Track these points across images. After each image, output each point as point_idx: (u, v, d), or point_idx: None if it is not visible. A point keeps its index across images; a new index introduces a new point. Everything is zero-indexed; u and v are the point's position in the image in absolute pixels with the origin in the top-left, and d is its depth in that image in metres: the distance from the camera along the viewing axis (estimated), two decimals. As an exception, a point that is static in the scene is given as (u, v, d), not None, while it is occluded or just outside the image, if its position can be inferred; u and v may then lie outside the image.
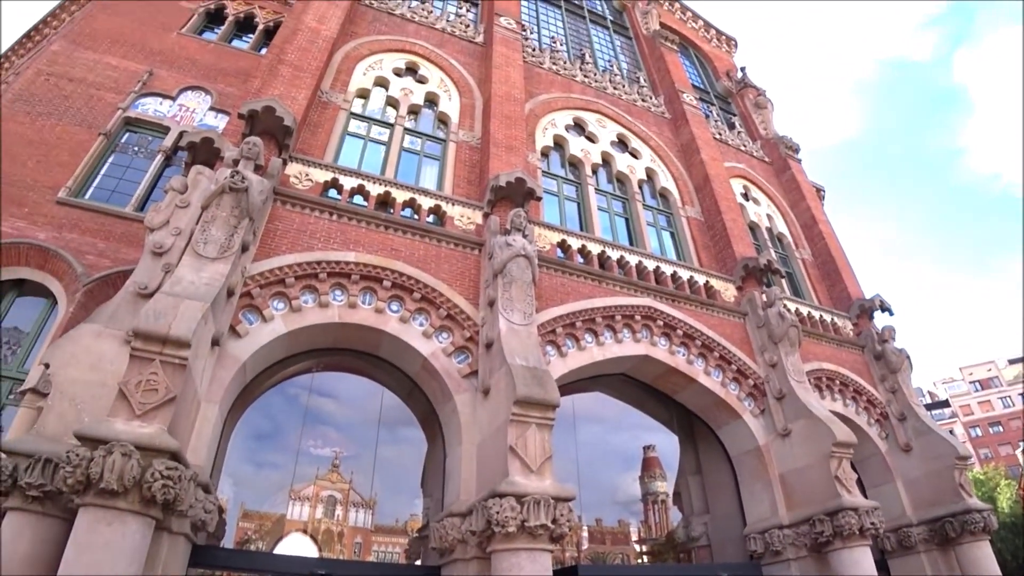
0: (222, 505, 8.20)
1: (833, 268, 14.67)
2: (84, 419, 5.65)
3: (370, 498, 11.43)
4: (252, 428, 9.21)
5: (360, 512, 11.86)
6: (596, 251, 10.77)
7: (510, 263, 8.36)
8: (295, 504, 11.34)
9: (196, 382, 6.30)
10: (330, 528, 12.20)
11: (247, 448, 9.24)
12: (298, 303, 7.76)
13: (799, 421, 9.83)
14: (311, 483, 11.87)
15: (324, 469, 11.26)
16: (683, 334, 10.43)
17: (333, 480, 12.07)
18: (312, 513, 11.60)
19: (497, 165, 10.21)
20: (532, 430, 6.77)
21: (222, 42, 15.31)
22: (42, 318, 10.04)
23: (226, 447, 8.25)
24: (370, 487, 10.06)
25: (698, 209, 13.46)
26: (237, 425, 8.49)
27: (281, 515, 10.36)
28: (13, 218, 10.39)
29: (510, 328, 7.81)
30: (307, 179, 9.05)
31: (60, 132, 11.91)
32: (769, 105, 19.42)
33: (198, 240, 7.19)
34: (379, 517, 10.59)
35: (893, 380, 12.54)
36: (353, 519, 12.02)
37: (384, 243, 8.63)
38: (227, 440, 8.17)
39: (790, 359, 10.67)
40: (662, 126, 15.28)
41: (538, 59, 14.79)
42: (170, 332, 5.70)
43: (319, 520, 11.87)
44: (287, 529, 10.75)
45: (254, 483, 9.51)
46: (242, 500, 9.64)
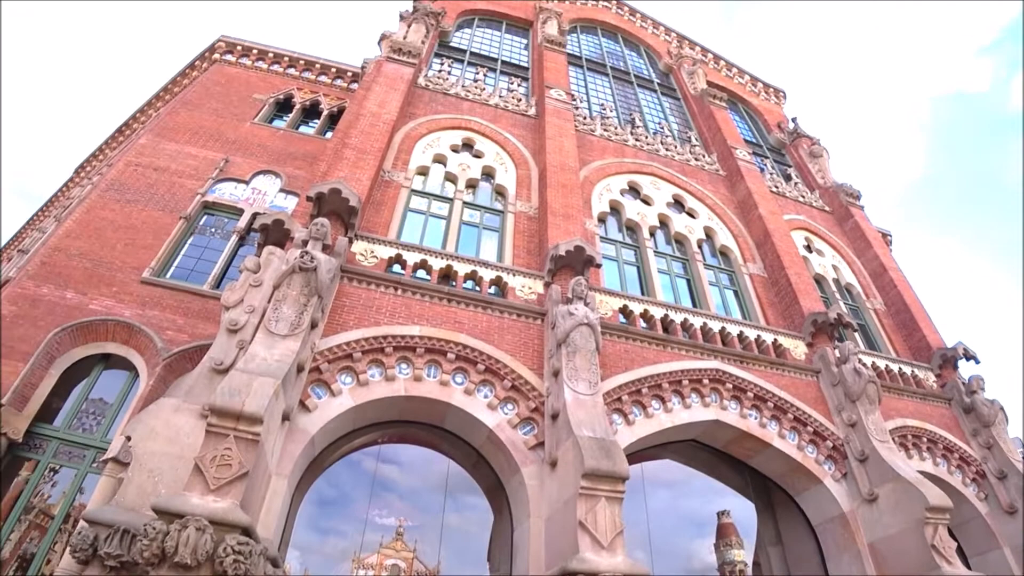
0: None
1: (908, 317, 13.96)
2: (161, 491, 5.87)
3: (435, 568, 11.24)
4: (319, 497, 9.28)
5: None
6: (659, 315, 10.63)
7: (573, 332, 8.34)
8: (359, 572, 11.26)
9: (267, 457, 6.46)
10: (394, 597, 12.03)
11: (313, 516, 9.29)
12: (365, 377, 7.92)
13: (886, 485, 9.18)
14: (375, 551, 11.82)
15: (388, 537, 11.20)
16: (754, 396, 10.04)
17: (397, 548, 11.97)
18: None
19: (555, 234, 10.36)
20: (602, 504, 6.57)
21: (290, 128, 16.45)
22: (125, 390, 10.64)
23: (294, 519, 8.33)
24: (436, 555, 9.90)
25: (760, 265, 13.18)
26: (306, 495, 8.59)
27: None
28: (102, 296, 11.20)
29: (576, 398, 7.72)
30: (372, 256, 9.40)
31: (145, 217, 12.88)
32: (824, 153, 19.11)
33: (270, 318, 7.50)
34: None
35: (987, 434, 11.62)
36: (417, 589, 11.81)
37: (447, 316, 8.79)
38: (295, 512, 8.25)
39: (871, 417, 10.08)
40: (717, 183, 15.23)
41: (589, 127, 15.15)
42: (244, 409, 5.91)
43: (384, 589, 11.73)
44: (351, 598, 10.65)
45: (320, 550, 9.51)
46: (306, 567, 9.65)
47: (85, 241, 11.99)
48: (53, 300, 10.85)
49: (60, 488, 9.64)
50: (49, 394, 10.14)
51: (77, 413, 10.31)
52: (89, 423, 10.29)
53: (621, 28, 23.24)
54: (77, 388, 10.56)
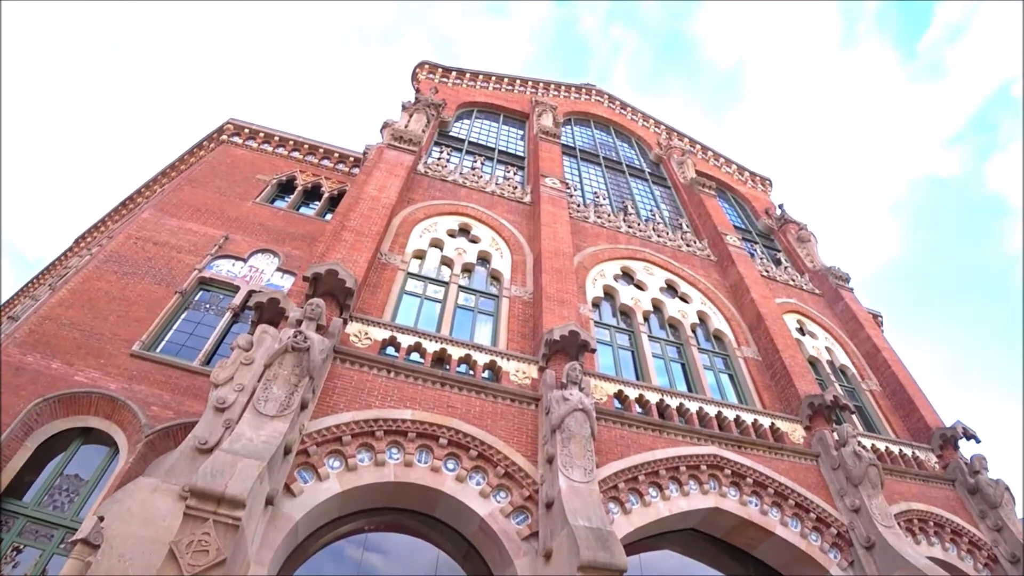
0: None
1: (905, 397, 13.90)
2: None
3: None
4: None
5: None
6: (654, 400, 10.55)
7: (568, 418, 8.23)
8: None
9: (247, 543, 6.18)
10: None
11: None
12: (354, 461, 7.71)
13: (896, 573, 8.79)
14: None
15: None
16: (753, 482, 9.81)
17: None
18: None
19: (550, 319, 10.42)
20: (599, 600, 6.26)
21: (291, 209, 16.83)
22: (103, 466, 10.28)
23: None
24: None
25: (754, 349, 13.23)
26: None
27: None
28: (89, 368, 11.01)
29: (571, 486, 7.51)
30: (366, 337, 9.37)
31: (141, 290, 12.90)
32: (812, 238, 19.62)
33: (259, 398, 7.39)
34: None
35: (995, 516, 11.30)
36: None
37: (440, 400, 8.67)
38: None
39: (874, 502, 9.82)
40: (709, 269, 15.51)
41: (583, 213, 15.59)
42: (226, 491, 5.74)
43: None
44: None
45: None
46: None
47: (77, 311, 11.93)
48: (37, 369, 10.64)
49: (21, 569, 9.09)
50: (22, 467, 9.75)
51: (49, 489, 9.87)
52: (61, 500, 9.84)
53: (613, 120, 24.39)
54: (52, 463, 10.17)
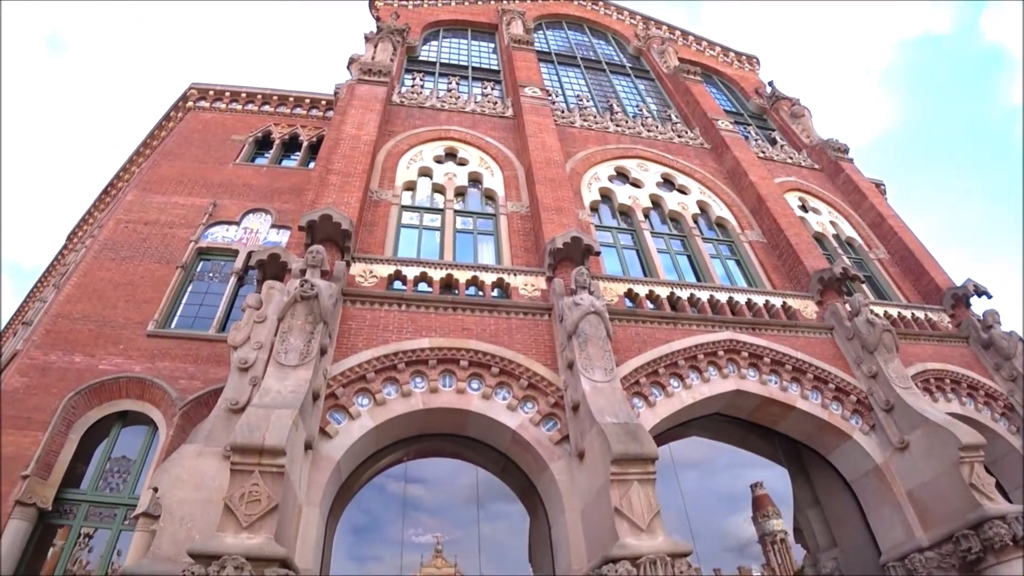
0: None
1: (914, 262, 13.90)
2: (195, 537, 5.84)
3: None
4: (353, 525, 9.24)
5: (470, 594, 11.58)
6: (664, 294, 10.59)
7: (582, 322, 8.30)
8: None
9: (295, 488, 6.44)
10: (442, 613, 11.95)
11: (349, 545, 9.25)
12: (381, 396, 7.90)
13: (916, 431, 9.09)
14: (417, 572, 11.73)
15: (428, 556, 11.13)
16: (771, 361, 9.98)
17: (438, 566, 11.87)
18: (422, 600, 11.41)
19: (550, 229, 10.33)
20: (635, 487, 6.52)
21: (273, 164, 16.52)
22: (146, 444, 10.66)
23: (331, 548, 8.29)
24: (477, 567, 9.82)
25: (759, 232, 13.14)
26: (339, 524, 8.55)
27: (392, 607, 10.24)
28: (111, 356, 11.22)
29: (593, 387, 7.67)
30: (371, 276, 9.39)
31: (143, 271, 12.91)
32: (806, 112, 19.09)
33: (278, 351, 7.49)
34: (487, 597, 10.27)
35: (1010, 367, 11.51)
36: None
37: (455, 324, 8.76)
38: (331, 541, 8.21)
39: (891, 366, 10.00)
40: (704, 157, 15.20)
41: (569, 119, 15.17)
42: (265, 443, 5.90)
43: (430, 606, 11.65)
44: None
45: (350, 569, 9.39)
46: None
47: (86, 304, 12.02)
48: (63, 366, 10.88)
49: (97, 552, 9.64)
50: (72, 459, 10.17)
51: (102, 474, 10.32)
52: (115, 482, 10.30)
53: (585, 18, 23.30)
54: (98, 449, 10.58)
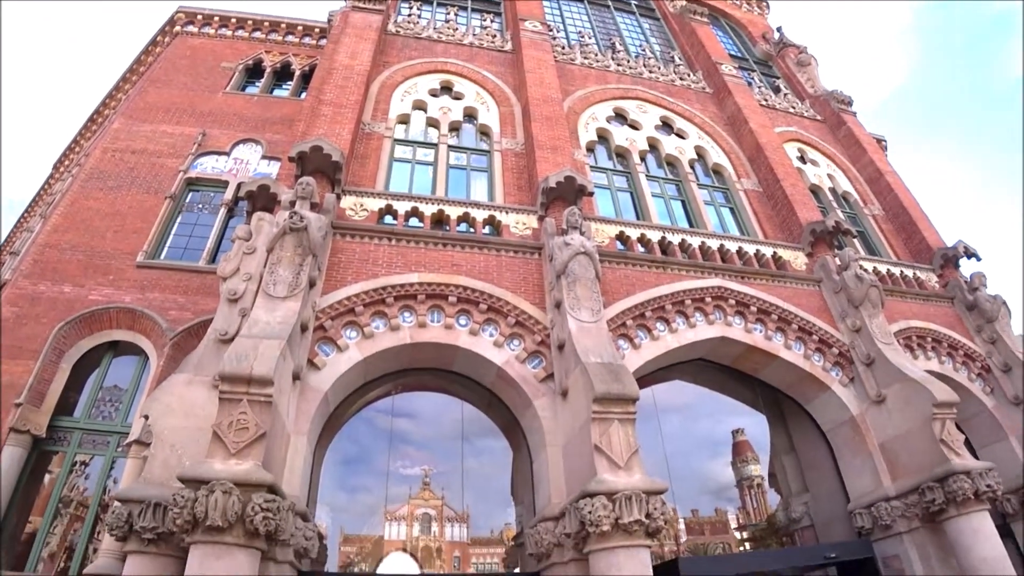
0: (321, 532, 8.48)
1: (907, 220, 13.86)
2: (185, 463, 5.98)
3: (463, 511, 11.55)
4: (342, 456, 9.48)
5: (455, 526, 12.01)
6: (656, 238, 10.55)
7: (571, 262, 8.30)
8: (392, 525, 11.58)
9: (283, 417, 6.55)
10: (428, 545, 12.38)
11: (339, 476, 9.51)
12: (369, 329, 7.95)
13: (893, 386, 9.29)
14: (405, 503, 12.11)
15: (416, 488, 11.48)
16: (757, 310, 10.06)
17: (426, 498, 12.26)
18: (409, 532, 11.83)
19: (544, 167, 10.18)
20: (615, 426, 6.67)
21: (264, 94, 16.06)
22: (137, 374, 10.77)
23: (319, 476, 8.53)
24: (460, 500, 10.16)
25: (755, 180, 13.00)
26: (327, 454, 8.76)
27: (379, 537, 10.61)
28: (100, 286, 11.18)
29: (580, 327, 7.74)
30: (362, 209, 9.30)
31: (131, 201, 12.74)
32: (813, 62, 18.60)
33: (267, 282, 7.48)
34: (474, 529, 10.66)
35: (991, 330, 11.70)
36: (449, 534, 12.17)
37: (445, 260, 8.75)
38: (319, 470, 8.44)
39: (874, 321, 10.12)
40: (705, 102, 14.86)
41: (569, 56, 14.72)
42: (253, 372, 5.96)
43: (417, 538, 12.09)
44: (387, 549, 10.99)
45: (350, 509, 9.77)
46: (341, 525, 9.93)
47: (74, 234, 11.90)
48: (52, 296, 10.87)
49: (93, 479, 9.88)
50: (64, 388, 10.30)
51: (95, 402, 10.48)
52: (108, 410, 10.47)
53: (592, -49, 22.32)
54: (90, 378, 10.71)
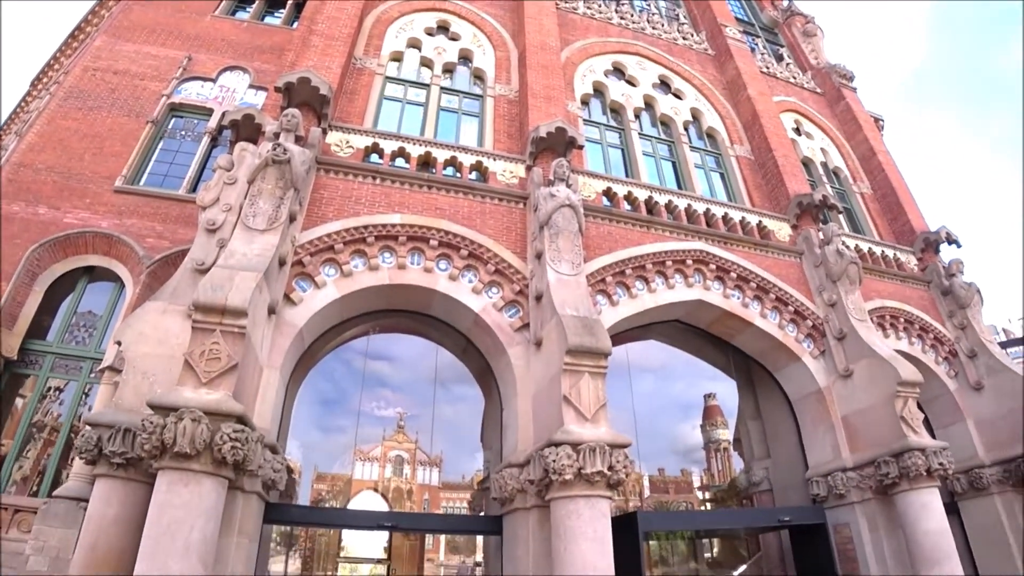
0: (291, 466, 8.58)
1: (894, 201, 13.90)
2: (156, 390, 5.96)
3: (436, 456, 11.75)
4: (317, 395, 9.55)
5: (428, 470, 12.24)
6: (643, 197, 10.49)
7: (555, 214, 8.25)
8: (365, 464, 11.78)
9: (256, 349, 6.53)
10: (399, 486, 12.66)
11: (315, 415, 9.60)
12: (348, 268, 7.90)
13: (861, 361, 9.48)
14: (379, 444, 12.28)
15: (391, 430, 11.62)
16: (737, 277, 10.13)
17: (400, 440, 12.45)
18: (382, 473, 12.05)
19: (537, 117, 10.00)
20: (585, 379, 6.75)
21: (255, 20, 15.45)
22: (112, 301, 10.64)
23: (291, 411, 8.58)
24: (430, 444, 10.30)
25: (747, 147, 12.90)
26: (300, 390, 8.80)
27: (350, 476, 10.79)
28: (76, 209, 10.93)
29: (559, 279, 7.75)
30: (348, 146, 9.11)
31: (111, 124, 12.35)
32: (819, 32, 18.28)
33: (247, 214, 7.37)
34: (446, 474, 10.90)
35: (962, 316, 11.91)
36: (421, 477, 12.42)
37: (428, 203, 8.65)
38: (291, 404, 8.49)
39: (850, 297, 10.25)
40: (705, 64, 14.58)
41: (571, 4, 14.26)
42: (227, 303, 5.91)
43: (388, 479, 12.33)
44: (358, 488, 11.20)
45: (324, 447, 9.88)
46: (314, 463, 10.08)
47: (50, 154, 11.54)
48: (26, 217, 10.60)
49: (67, 405, 9.86)
50: (37, 311, 10.16)
51: (68, 327, 10.36)
52: (81, 336, 10.37)
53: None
54: (64, 303, 10.56)
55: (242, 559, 6.02)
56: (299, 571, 14.10)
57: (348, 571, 21.53)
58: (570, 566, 6.03)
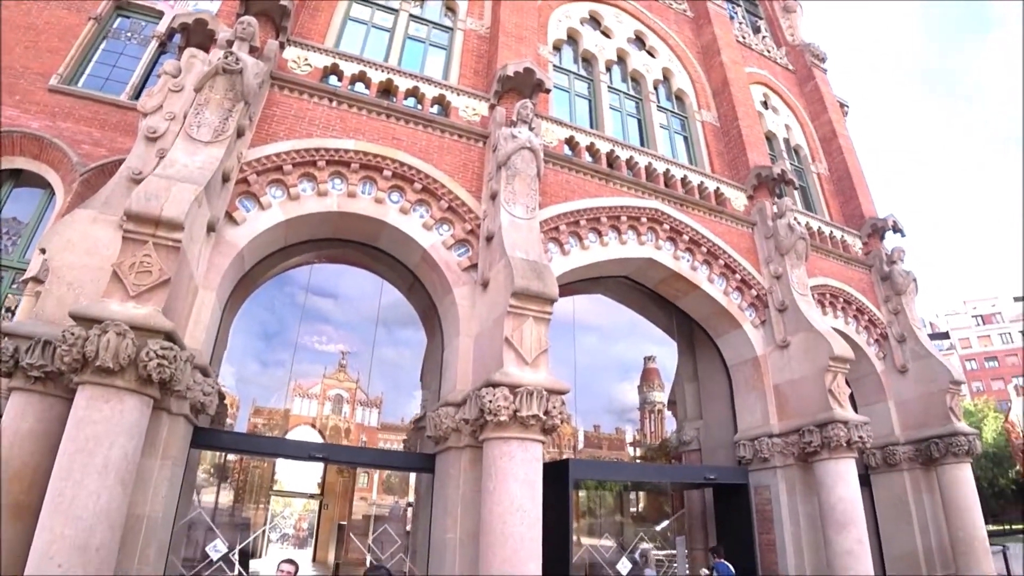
0: (224, 393, 8.39)
1: (849, 184, 14.22)
2: (81, 302, 5.63)
3: (376, 397, 11.67)
4: (258, 325, 9.30)
5: (368, 411, 12.18)
6: (605, 149, 10.39)
7: (515, 155, 8.08)
8: (304, 401, 11.63)
9: (192, 267, 6.26)
10: (337, 424, 12.59)
11: (253, 345, 9.35)
12: (296, 191, 7.60)
13: (799, 334, 9.80)
14: (319, 381, 12.10)
15: (332, 368, 11.44)
16: (689, 240, 10.23)
17: (340, 379, 12.29)
18: (320, 410, 11.93)
19: (506, 56, 9.69)
20: (529, 323, 6.74)
21: (215, -81, 14.34)
22: (40, 208, 9.98)
23: (227, 336, 8.34)
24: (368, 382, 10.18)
25: (714, 114, 12.88)
26: (238, 318, 8.54)
27: (287, 410, 10.67)
28: (5, 106, 10.11)
29: (512, 221, 7.64)
30: (306, 63, 8.64)
31: (48, 16, 11.41)
32: (799, 9, 18.22)
33: (191, 123, 6.97)
34: (385, 415, 10.85)
35: (897, 302, 12.42)
36: (360, 417, 12.36)
37: (385, 132, 8.33)
38: (227, 329, 8.23)
39: (795, 272, 10.52)
40: (683, 25, 14.34)
41: (554, -57, 13.71)
42: (162, 214, 5.60)
43: (327, 417, 12.23)
44: (295, 423, 11.09)
45: (261, 380, 9.61)
46: (253, 397, 9.89)
47: (-24, 41, 10.57)
48: (-55, 110, 9.73)
49: None
50: (-49, 219, 9.43)
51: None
52: (5, 244, 9.69)
53: None
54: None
55: (165, 482, 5.86)
56: (231, 503, 14.04)
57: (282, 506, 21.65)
58: (497, 505, 6.12)
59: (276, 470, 16.07)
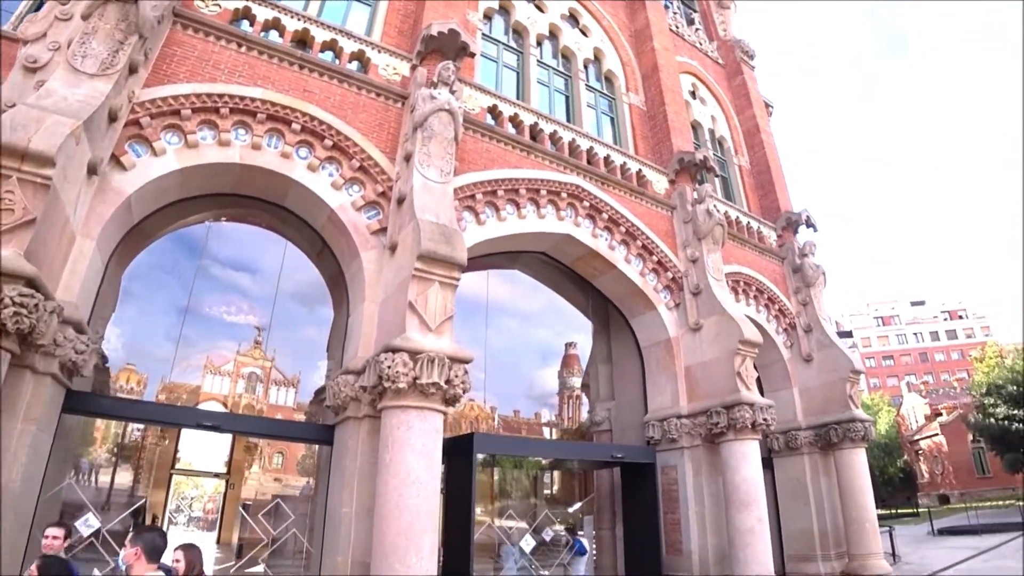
0: (104, 352, 7.76)
1: (768, 179, 14.69)
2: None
3: (294, 376, 11.14)
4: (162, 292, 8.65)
5: (283, 390, 11.66)
6: (529, 121, 10.23)
7: (432, 117, 7.77)
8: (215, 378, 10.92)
9: (66, 210, 5.67)
10: (251, 403, 11.94)
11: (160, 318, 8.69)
12: (195, 138, 7.03)
13: (711, 317, 10.04)
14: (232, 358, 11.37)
15: (248, 345, 10.82)
16: (608, 218, 10.25)
17: (256, 357, 11.65)
18: (233, 388, 11.26)
19: (433, 16, 9.27)
20: (435, 288, 6.52)
21: None
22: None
23: (116, 294, 7.72)
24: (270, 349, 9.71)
25: (642, 98, 12.95)
26: (127, 272, 7.90)
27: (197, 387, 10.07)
28: None
29: (425, 184, 7.35)
30: (214, 3, 7.97)
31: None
32: (733, 7, 18.60)
33: (75, 53, 6.29)
34: (303, 395, 10.37)
35: (806, 293, 12.97)
36: (275, 397, 11.81)
37: (296, 83, 7.84)
38: (114, 286, 7.61)
39: (711, 257, 10.75)
40: (618, 8, 14.28)
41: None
42: (30, 146, 5.01)
43: (240, 395, 11.56)
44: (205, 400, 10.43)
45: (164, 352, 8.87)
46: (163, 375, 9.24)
47: None
48: None
49: None
50: None
51: None
52: None
53: None
54: None
55: (27, 448, 5.31)
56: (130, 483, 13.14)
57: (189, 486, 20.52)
58: (393, 477, 5.92)
59: (179, 448, 15.21)
